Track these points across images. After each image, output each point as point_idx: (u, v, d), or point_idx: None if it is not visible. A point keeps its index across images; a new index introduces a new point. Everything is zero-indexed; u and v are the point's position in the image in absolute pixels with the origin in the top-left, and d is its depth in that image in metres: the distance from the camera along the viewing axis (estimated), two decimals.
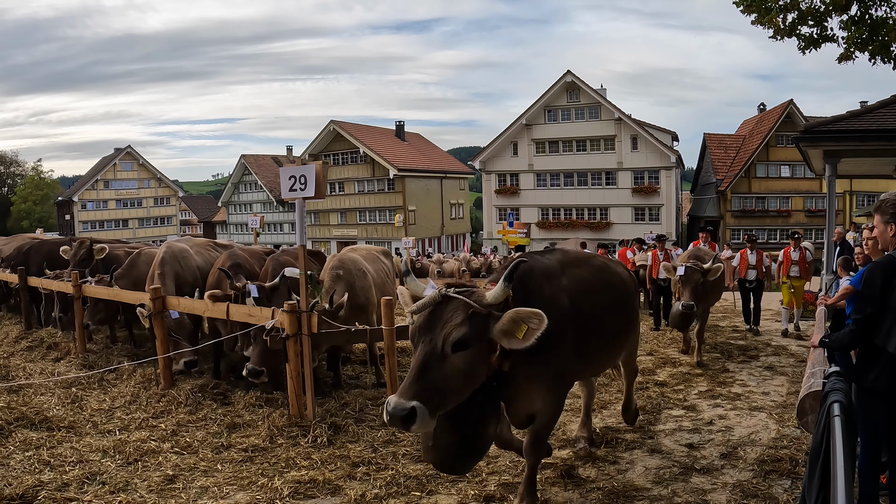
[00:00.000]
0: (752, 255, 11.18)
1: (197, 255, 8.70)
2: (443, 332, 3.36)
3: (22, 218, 63.77)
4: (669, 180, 43.47)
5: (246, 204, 63.57)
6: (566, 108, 45.84)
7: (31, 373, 8.27)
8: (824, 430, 3.22)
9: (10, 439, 5.73)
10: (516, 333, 3.43)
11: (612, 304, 4.75)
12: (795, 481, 4.67)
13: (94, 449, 5.57)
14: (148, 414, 6.54)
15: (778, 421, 6.26)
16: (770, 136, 43.57)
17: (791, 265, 11.15)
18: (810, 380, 4.60)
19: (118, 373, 7.97)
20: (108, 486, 4.80)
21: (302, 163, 6.03)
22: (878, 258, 3.87)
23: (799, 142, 11.61)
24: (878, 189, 25.21)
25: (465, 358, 3.37)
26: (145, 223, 67.62)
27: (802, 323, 11.41)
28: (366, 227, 53.44)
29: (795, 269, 11.15)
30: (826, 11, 9.68)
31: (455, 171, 59.02)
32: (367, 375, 8.22)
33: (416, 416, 3.16)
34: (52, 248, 11.44)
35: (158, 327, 7.28)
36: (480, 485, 4.80)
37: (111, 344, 9.83)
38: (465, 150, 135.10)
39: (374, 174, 52.13)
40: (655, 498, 4.56)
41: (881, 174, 16.25)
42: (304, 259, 6.20)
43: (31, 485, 4.69)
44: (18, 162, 72.42)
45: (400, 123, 60.14)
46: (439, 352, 3.33)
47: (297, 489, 4.72)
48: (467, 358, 3.39)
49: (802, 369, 7.17)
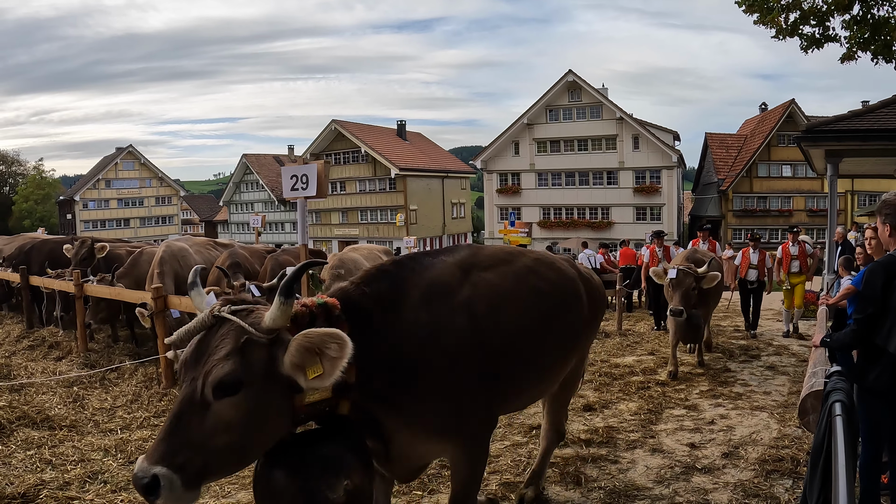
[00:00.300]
0: (755, 255, 11.14)
1: (196, 254, 8.72)
2: (203, 370, 2.40)
3: (23, 217, 63.86)
4: (671, 180, 43.44)
5: (247, 203, 63.60)
6: (567, 108, 45.82)
7: (32, 372, 8.28)
8: (825, 430, 3.22)
9: (12, 438, 5.74)
10: (310, 367, 2.44)
11: (544, 317, 3.65)
12: (797, 481, 4.67)
13: (96, 448, 5.58)
14: (149, 413, 6.55)
15: (779, 421, 6.26)
16: (771, 136, 43.56)
17: (791, 260, 11.16)
18: (811, 379, 4.59)
19: (120, 372, 7.98)
20: (109, 485, 4.80)
21: (303, 162, 6.04)
22: (880, 258, 3.87)
23: (800, 141, 11.58)
24: (879, 189, 25.17)
25: (235, 405, 2.37)
26: (147, 222, 67.69)
27: (804, 323, 11.40)
28: (367, 226, 53.45)
29: (796, 265, 11.15)
30: (828, 11, 9.68)
31: (456, 171, 59.02)
32: None
33: (159, 486, 2.25)
34: (54, 248, 11.47)
35: (160, 326, 7.28)
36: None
37: (113, 343, 9.84)
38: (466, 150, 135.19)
39: (375, 174, 52.14)
40: (657, 497, 4.56)
41: (883, 174, 16.23)
42: (306, 258, 6.20)
43: (32, 484, 4.69)
44: (20, 161, 72.61)
45: (401, 123, 60.13)
46: (199, 397, 2.37)
47: None
48: (239, 404, 2.38)
49: (804, 369, 7.16)
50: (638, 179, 44.03)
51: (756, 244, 11.40)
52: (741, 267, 11.30)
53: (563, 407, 4.70)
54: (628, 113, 44.25)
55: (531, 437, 5.84)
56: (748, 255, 11.18)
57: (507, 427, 6.14)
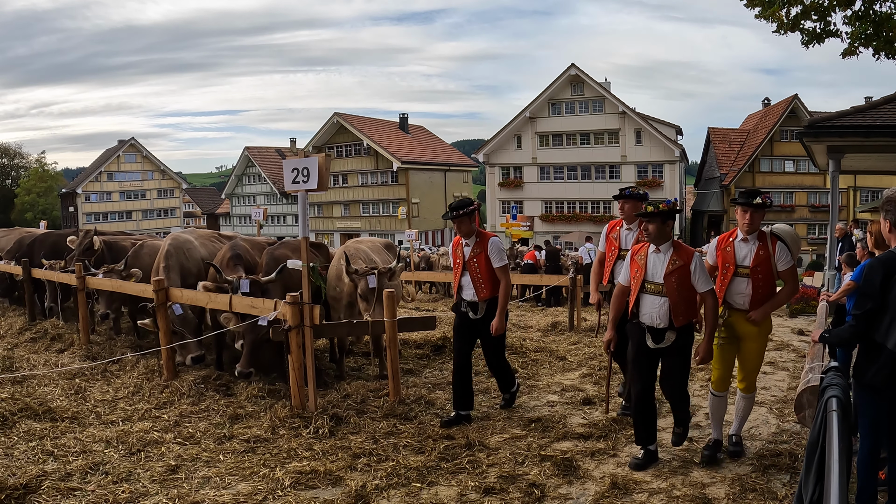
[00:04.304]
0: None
1: (202, 247, 8.72)
2: None
3: (26, 210, 64.00)
4: (673, 174, 43.41)
5: (249, 196, 63.66)
6: (570, 102, 45.75)
7: (34, 364, 8.31)
8: (821, 425, 3.24)
9: (14, 430, 5.78)
10: None
11: None
12: (794, 476, 4.69)
13: (98, 439, 5.61)
14: (151, 405, 6.58)
15: (778, 416, 6.28)
16: (774, 131, 43.49)
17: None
18: (808, 375, 4.61)
19: (121, 364, 8.01)
20: (111, 476, 4.84)
21: (305, 155, 6.05)
22: (880, 254, 3.88)
23: (802, 137, 11.58)
24: (882, 185, 25.13)
25: None
26: (149, 215, 67.80)
27: (804, 319, 11.39)
28: (369, 219, 53.49)
29: (743, 300, 5.03)
30: (830, 6, 9.63)
31: (458, 164, 59.02)
32: (368, 367, 8.26)
33: None
34: (57, 240, 11.50)
35: (162, 319, 7.31)
36: (480, 476, 4.83)
37: (114, 335, 9.88)
38: (468, 143, 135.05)
39: (377, 166, 52.16)
40: (654, 491, 4.58)
41: (886, 170, 16.22)
42: (307, 251, 6.23)
43: (34, 474, 4.73)
44: (22, 154, 72.62)
45: (404, 116, 60.13)
46: None
47: (299, 480, 4.75)
48: None
49: (803, 365, 7.17)
50: (640, 174, 43.99)
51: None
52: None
53: None
54: (631, 107, 44.17)
55: (530, 430, 5.87)
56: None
57: (506, 420, 6.17)
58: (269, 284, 7.19)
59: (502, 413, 6.39)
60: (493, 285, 6.08)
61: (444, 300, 18.14)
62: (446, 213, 6.33)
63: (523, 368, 8.04)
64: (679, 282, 4.82)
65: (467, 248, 6.11)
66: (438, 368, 8.22)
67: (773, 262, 4.97)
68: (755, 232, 5.02)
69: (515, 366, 7.91)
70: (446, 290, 19.23)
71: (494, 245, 6.08)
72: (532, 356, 8.63)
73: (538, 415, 6.27)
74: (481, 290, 6.06)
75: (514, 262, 20.03)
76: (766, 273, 4.97)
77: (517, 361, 8.25)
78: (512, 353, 8.70)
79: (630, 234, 6.14)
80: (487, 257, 6.03)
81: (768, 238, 5.03)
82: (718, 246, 5.26)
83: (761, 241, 5.01)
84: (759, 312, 4.97)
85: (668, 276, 4.83)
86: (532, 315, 13.47)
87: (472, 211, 6.02)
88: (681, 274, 4.83)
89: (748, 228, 4.99)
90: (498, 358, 6.39)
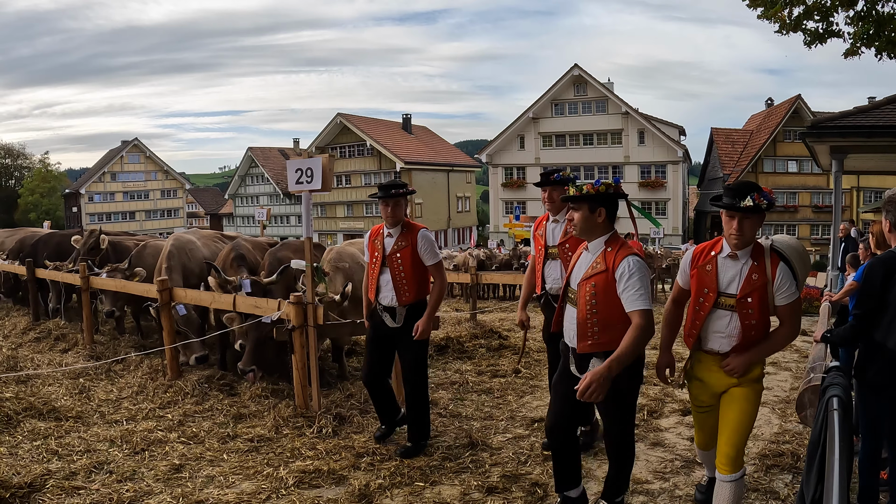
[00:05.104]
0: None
1: (204, 247, 8.75)
2: None
3: (29, 210, 64.12)
4: (676, 175, 43.41)
5: (253, 196, 63.76)
6: (573, 102, 45.78)
7: (38, 364, 8.35)
8: (822, 425, 3.25)
9: (19, 429, 5.81)
10: None
11: None
12: (796, 476, 4.70)
13: (102, 438, 5.63)
14: (155, 404, 6.60)
15: (780, 416, 6.28)
16: (777, 131, 43.43)
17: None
18: (810, 374, 4.62)
19: (125, 363, 8.04)
20: (115, 475, 4.86)
21: (308, 156, 6.05)
22: (881, 254, 3.89)
23: (805, 137, 11.59)
24: (885, 185, 25.06)
25: None
26: (152, 215, 67.92)
27: (807, 320, 11.37)
28: (372, 219, 53.46)
29: (724, 342, 3.64)
30: (832, 6, 9.64)
31: (461, 164, 59.04)
32: None
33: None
34: (61, 241, 11.54)
35: (165, 318, 7.33)
36: (483, 475, 4.84)
37: (118, 335, 9.91)
38: (471, 143, 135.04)
39: (380, 167, 52.21)
40: (657, 491, 4.59)
41: (889, 170, 16.20)
42: (311, 251, 6.24)
43: (39, 473, 4.75)
44: (25, 154, 72.79)
45: (407, 116, 60.18)
46: None
47: (302, 479, 4.77)
48: None
49: (806, 364, 7.17)
50: (643, 174, 44.00)
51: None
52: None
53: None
54: (634, 107, 44.20)
55: (533, 429, 5.88)
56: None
57: (509, 420, 6.18)
58: (271, 286, 7.21)
59: (505, 413, 6.40)
60: (418, 287, 5.15)
61: (446, 300, 18.15)
62: (374, 193, 5.22)
63: (525, 368, 8.04)
64: (596, 292, 3.56)
65: (389, 239, 5.15)
66: (441, 368, 8.23)
67: (771, 292, 3.46)
68: (748, 246, 3.50)
69: (518, 366, 7.90)
70: (448, 290, 19.24)
71: (425, 238, 5.11)
72: (534, 356, 8.63)
73: (541, 414, 6.27)
74: (403, 292, 5.10)
75: (517, 262, 20.06)
76: (760, 306, 3.47)
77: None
78: (514, 353, 8.72)
79: (557, 227, 5.13)
80: (415, 253, 5.07)
81: (767, 256, 3.49)
82: (694, 261, 3.72)
83: (756, 259, 3.49)
84: (739, 360, 3.52)
85: (584, 282, 3.64)
86: (534, 315, 13.45)
87: (406, 194, 5.18)
88: (600, 282, 3.56)
89: (737, 241, 3.47)
90: (417, 384, 5.28)
